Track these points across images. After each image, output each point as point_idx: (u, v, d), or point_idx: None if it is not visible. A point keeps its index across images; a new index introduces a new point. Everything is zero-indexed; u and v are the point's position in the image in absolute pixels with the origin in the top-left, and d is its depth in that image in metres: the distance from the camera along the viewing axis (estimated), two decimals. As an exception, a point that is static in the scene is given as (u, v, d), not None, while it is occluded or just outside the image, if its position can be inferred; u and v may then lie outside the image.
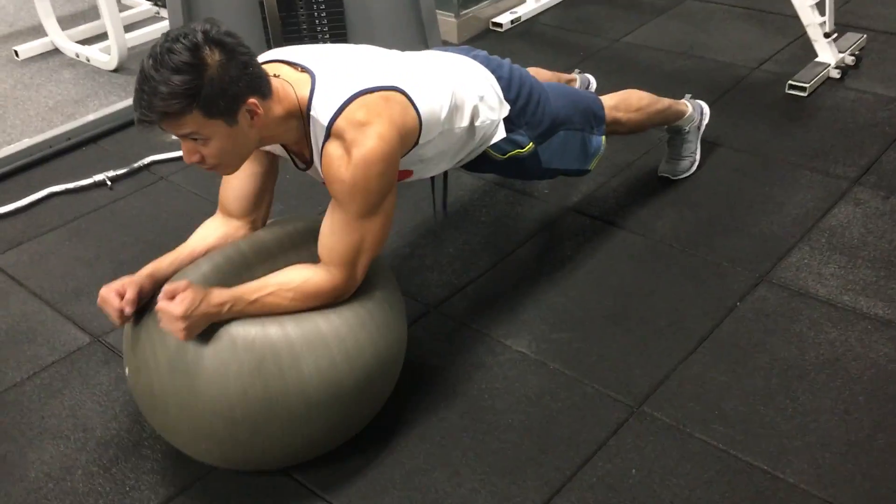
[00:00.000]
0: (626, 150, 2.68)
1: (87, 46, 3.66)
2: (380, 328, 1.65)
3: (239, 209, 1.78)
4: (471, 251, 2.33)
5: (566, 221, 2.44)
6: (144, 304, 1.62)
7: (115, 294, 1.59)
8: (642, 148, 2.69)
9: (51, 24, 3.71)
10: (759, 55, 3.25)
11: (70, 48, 3.69)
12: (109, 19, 3.41)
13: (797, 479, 1.64)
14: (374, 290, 1.69)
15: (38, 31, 3.84)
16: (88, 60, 3.61)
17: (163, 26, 3.73)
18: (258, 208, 1.79)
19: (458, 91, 1.81)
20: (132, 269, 1.68)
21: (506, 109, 1.94)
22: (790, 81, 2.95)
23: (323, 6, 2.86)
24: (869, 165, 2.54)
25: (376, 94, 1.60)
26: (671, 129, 2.53)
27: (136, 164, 2.81)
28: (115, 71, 3.51)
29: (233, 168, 1.59)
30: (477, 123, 1.86)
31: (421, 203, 2.49)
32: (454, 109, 1.78)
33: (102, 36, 3.63)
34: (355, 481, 1.70)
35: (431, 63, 1.87)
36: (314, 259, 1.66)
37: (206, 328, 1.54)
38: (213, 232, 1.78)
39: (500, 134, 1.94)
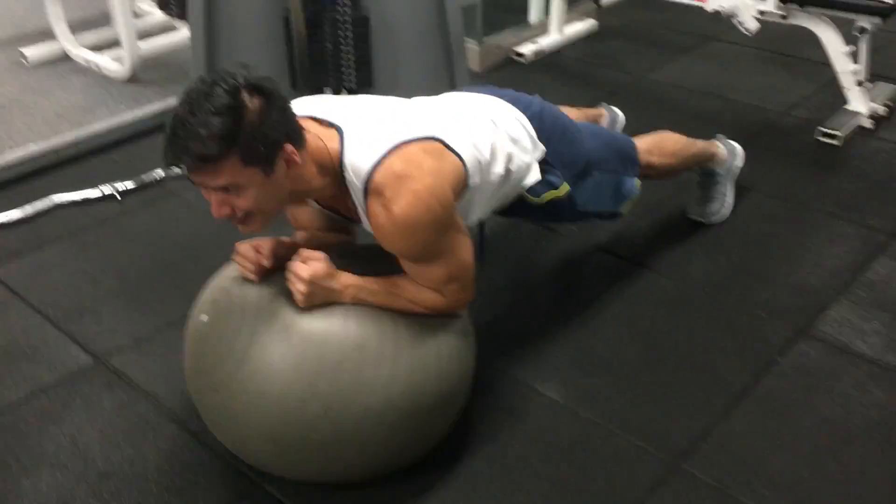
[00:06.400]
0: (656, 190, 2.58)
1: (98, 54, 3.56)
2: (452, 359, 1.62)
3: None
4: (495, 287, 2.23)
5: (593, 261, 2.34)
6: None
7: (254, 249, 1.56)
8: (673, 188, 2.60)
9: (61, 29, 3.61)
10: (787, 100, 3.19)
11: (80, 55, 3.58)
12: (123, 27, 3.31)
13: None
14: (456, 321, 1.68)
15: (46, 34, 3.73)
16: (99, 69, 3.51)
17: (179, 36, 3.62)
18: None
19: (493, 136, 1.71)
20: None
21: (540, 151, 1.85)
22: (821, 128, 2.88)
23: (349, 26, 2.79)
24: (906, 220, 2.47)
25: (412, 145, 1.51)
26: (704, 171, 2.45)
27: (146, 178, 2.70)
28: (128, 81, 3.42)
29: (262, 223, 1.48)
30: (512, 168, 1.77)
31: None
32: (492, 155, 1.69)
33: (114, 43, 3.53)
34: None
35: (461, 107, 1.79)
36: None
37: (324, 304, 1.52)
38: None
39: (535, 176, 1.84)
